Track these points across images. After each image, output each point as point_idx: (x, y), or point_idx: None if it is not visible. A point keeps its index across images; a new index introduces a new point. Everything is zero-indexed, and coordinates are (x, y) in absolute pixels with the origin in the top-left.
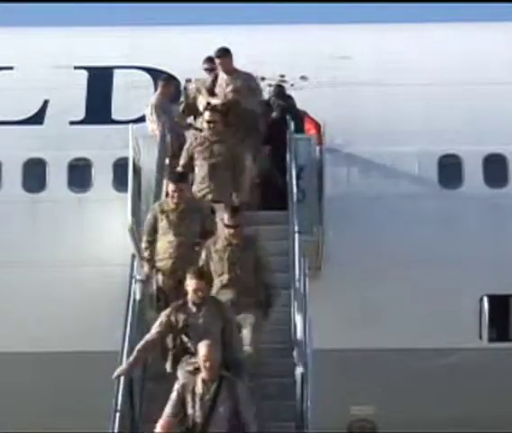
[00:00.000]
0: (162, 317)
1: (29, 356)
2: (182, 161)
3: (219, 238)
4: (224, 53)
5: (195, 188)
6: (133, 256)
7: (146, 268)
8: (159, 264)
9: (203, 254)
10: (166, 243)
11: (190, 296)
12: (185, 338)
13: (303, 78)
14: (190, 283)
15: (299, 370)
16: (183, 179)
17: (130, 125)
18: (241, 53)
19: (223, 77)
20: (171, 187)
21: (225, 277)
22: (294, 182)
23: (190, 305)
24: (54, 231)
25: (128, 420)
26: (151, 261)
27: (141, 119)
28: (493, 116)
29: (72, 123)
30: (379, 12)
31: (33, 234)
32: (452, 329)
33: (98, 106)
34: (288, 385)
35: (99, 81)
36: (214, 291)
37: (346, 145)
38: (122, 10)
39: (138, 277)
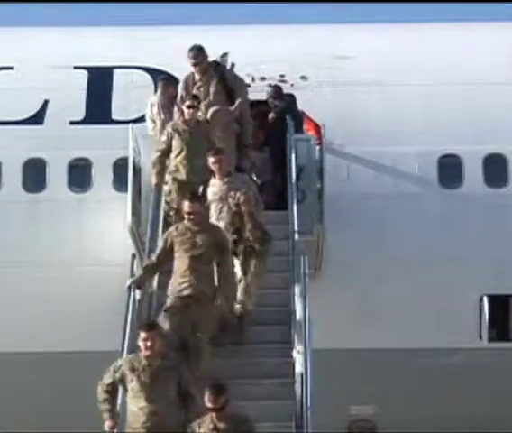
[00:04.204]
0: None
1: (29, 356)
2: (158, 251)
3: (205, 421)
4: (217, 152)
5: (174, 281)
6: (133, 256)
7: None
8: None
9: None
10: (136, 409)
11: None
12: None
13: (303, 78)
14: None
15: (299, 370)
16: (154, 326)
17: (130, 125)
18: (241, 53)
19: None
20: (142, 335)
21: None
22: (294, 182)
23: None
24: (54, 231)
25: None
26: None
27: (141, 119)
28: (493, 116)
29: (72, 123)
30: (379, 12)
31: (33, 234)
32: (452, 329)
33: (98, 106)
34: (288, 385)
35: (99, 81)
36: None
37: (346, 145)
38: (122, 10)
39: None
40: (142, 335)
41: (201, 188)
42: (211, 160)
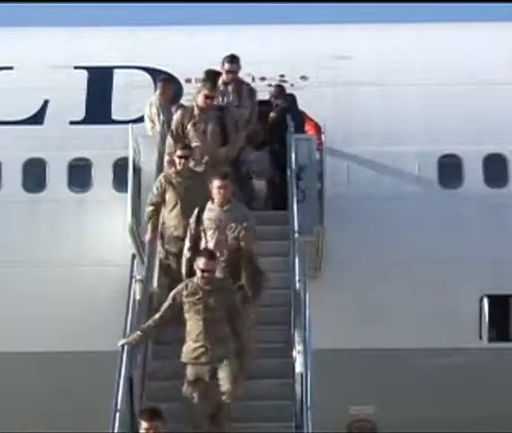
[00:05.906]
0: None
1: (29, 356)
2: (163, 311)
3: None
4: (224, 177)
5: (187, 346)
6: (133, 256)
7: None
8: None
9: None
10: None
11: None
12: None
13: (303, 78)
14: None
15: (299, 370)
16: (156, 414)
17: (130, 125)
18: (241, 53)
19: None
20: (144, 425)
21: None
22: (294, 182)
23: None
24: (54, 231)
25: (128, 419)
26: None
27: (141, 119)
28: (493, 116)
29: (72, 123)
30: (379, 12)
31: (33, 234)
32: (452, 329)
33: (98, 106)
34: (288, 385)
35: (99, 81)
36: None
37: (346, 145)
38: (122, 10)
39: (138, 277)
40: (144, 424)
41: (196, 211)
42: (217, 183)
